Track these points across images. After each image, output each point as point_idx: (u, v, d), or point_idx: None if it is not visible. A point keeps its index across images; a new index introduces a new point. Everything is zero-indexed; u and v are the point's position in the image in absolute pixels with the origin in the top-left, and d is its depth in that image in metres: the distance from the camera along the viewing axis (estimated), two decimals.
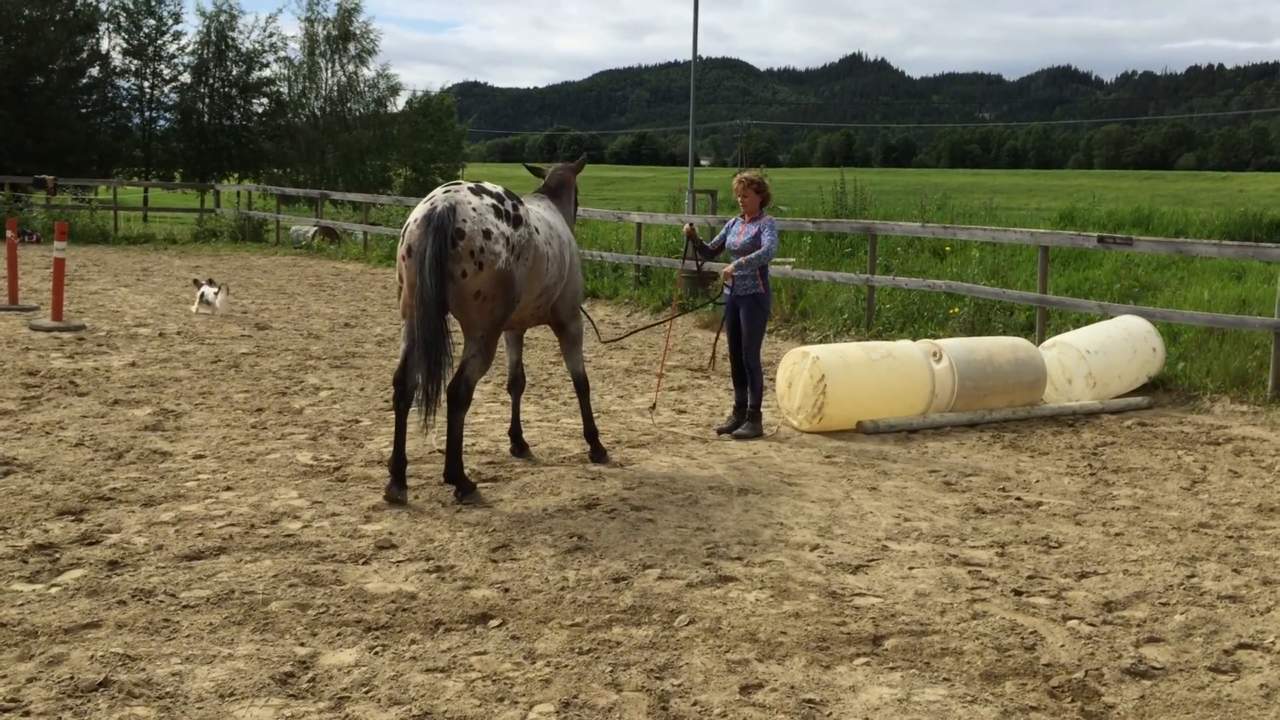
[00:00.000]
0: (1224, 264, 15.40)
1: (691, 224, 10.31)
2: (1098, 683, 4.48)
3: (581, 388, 7.93)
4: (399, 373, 6.77)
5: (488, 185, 6.97)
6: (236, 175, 43.48)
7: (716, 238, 9.27)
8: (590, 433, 7.91)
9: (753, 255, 8.80)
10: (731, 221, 9.27)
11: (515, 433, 8.02)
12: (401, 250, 6.75)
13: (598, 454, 7.85)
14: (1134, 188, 56.67)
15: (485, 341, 6.82)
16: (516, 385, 8.08)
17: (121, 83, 42.79)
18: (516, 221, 6.81)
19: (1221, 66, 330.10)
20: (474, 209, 6.65)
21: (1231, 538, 6.51)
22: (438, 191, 6.83)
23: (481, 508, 6.59)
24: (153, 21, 42.67)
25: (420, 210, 6.69)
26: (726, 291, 9.11)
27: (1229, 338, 11.30)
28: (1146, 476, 7.96)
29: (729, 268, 8.92)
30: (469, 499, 6.71)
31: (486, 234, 6.60)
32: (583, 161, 8.70)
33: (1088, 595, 5.48)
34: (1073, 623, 5.11)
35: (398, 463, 6.75)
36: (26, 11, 37.95)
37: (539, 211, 7.38)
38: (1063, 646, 4.83)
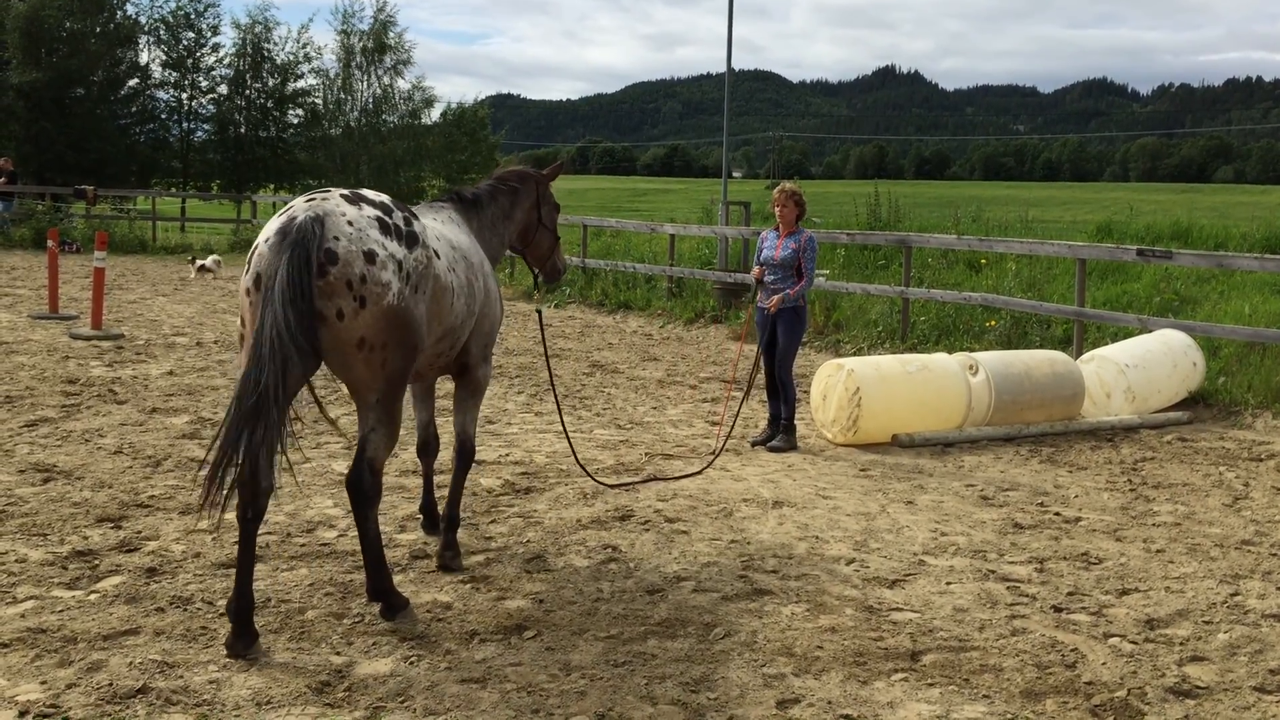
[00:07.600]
0: (1265, 278, 15.20)
1: (763, 267, 9.03)
2: (1141, 702, 4.41)
3: (464, 455, 5.94)
4: (247, 471, 4.55)
5: (367, 192, 5.00)
6: (272, 186, 43.88)
7: (756, 256, 9.19)
8: (452, 518, 5.84)
9: (797, 288, 8.87)
10: (765, 234, 9.23)
11: (427, 507, 6.29)
12: (247, 282, 4.69)
13: (449, 548, 5.78)
14: (1171, 201, 56.06)
15: (385, 407, 4.89)
16: (427, 449, 6.21)
17: (160, 94, 43.30)
18: (411, 240, 4.89)
19: (1260, 78, 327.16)
20: (350, 222, 4.70)
21: (1275, 555, 6.40)
22: (298, 200, 4.83)
23: (411, 624, 4.93)
24: (192, 34, 43.19)
25: (274, 224, 4.70)
26: (760, 308, 9.08)
27: (1270, 352, 11.15)
28: (1187, 492, 7.85)
29: (774, 300, 8.89)
30: (400, 617, 4.94)
31: (370, 256, 4.65)
32: (557, 167, 6.81)
33: (1129, 613, 5.40)
34: (1114, 640, 5.03)
35: (240, 601, 4.59)
36: (68, 24, 38.48)
37: (436, 227, 5.43)
38: (1104, 664, 4.76)
